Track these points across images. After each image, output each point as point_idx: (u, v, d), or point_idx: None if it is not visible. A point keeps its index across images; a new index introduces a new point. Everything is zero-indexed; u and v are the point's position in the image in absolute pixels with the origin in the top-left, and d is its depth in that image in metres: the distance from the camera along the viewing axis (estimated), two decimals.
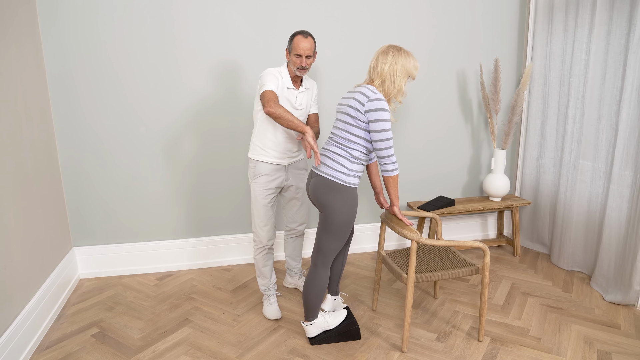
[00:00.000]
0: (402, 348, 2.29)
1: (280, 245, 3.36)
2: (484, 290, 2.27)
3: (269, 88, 2.29)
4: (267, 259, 2.60)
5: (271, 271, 2.64)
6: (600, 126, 2.88)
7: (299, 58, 2.33)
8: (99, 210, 3.02)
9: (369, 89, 2.03)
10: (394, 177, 2.12)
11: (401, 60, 2.05)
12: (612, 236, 2.76)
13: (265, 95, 2.26)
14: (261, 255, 2.57)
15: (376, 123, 2.00)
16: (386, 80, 2.07)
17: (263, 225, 2.51)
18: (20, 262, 2.25)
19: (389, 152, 2.05)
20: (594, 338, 2.37)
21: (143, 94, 2.92)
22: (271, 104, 2.21)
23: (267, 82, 2.31)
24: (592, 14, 2.85)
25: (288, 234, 2.79)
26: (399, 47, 2.08)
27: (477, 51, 3.39)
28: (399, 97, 2.12)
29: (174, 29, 2.87)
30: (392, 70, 2.05)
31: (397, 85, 2.07)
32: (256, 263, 2.60)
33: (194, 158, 3.09)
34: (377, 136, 2.02)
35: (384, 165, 2.09)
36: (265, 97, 2.25)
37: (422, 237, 2.12)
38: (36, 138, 2.54)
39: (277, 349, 2.29)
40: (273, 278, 2.66)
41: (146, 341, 2.36)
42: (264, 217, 2.50)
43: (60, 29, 2.72)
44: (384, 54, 2.07)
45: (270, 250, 2.60)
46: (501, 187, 3.32)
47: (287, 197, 2.65)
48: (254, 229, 2.54)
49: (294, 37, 2.33)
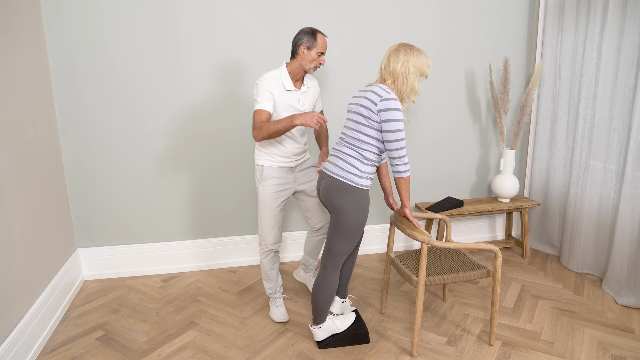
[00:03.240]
0: (412, 352, 2.25)
1: (286, 247, 3.33)
2: (496, 294, 2.23)
3: (259, 107, 2.23)
4: (273, 262, 2.54)
5: (277, 274, 2.59)
6: (612, 126, 2.83)
7: (321, 56, 2.28)
8: (103, 211, 2.99)
9: (381, 88, 1.99)
10: (405, 179, 2.07)
11: (413, 59, 2.00)
12: (625, 238, 2.71)
13: (254, 118, 2.21)
14: (267, 258, 2.52)
15: (389, 123, 1.95)
16: (399, 79, 2.02)
17: (270, 230, 2.45)
18: (25, 264, 2.22)
19: (402, 153, 2.01)
20: (608, 342, 2.32)
21: (148, 94, 2.89)
22: (255, 132, 2.19)
23: (260, 97, 2.24)
24: (604, 12, 2.80)
25: (314, 233, 2.69)
26: (411, 45, 2.03)
27: (485, 50, 3.34)
28: (412, 97, 2.07)
29: (179, 28, 2.84)
30: (404, 69, 2.00)
31: (410, 85, 2.02)
32: (262, 267, 2.55)
33: (199, 158, 3.05)
34: (390, 136, 1.98)
35: (396, 166, 2.04)
36: (254, 121, 2.21)
37: (433, 239, 2.08)
38: (41, 138, 2.52)
39: (285, 352, 2.26)
40: (279, 281, 2.61)
41: (152, 344, 2.33)
42: (271, 221, 2.44)
43: (65, 28, 2.69)
44: (395, 52, 2.02)
45: (276, 253, 2.54)
46: (510, 188, 3.27)
47: (305, 200, 2.56)
48: (260, 233, 2.48)
49: (317, 35, 2.25)
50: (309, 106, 2.43)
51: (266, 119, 2.21)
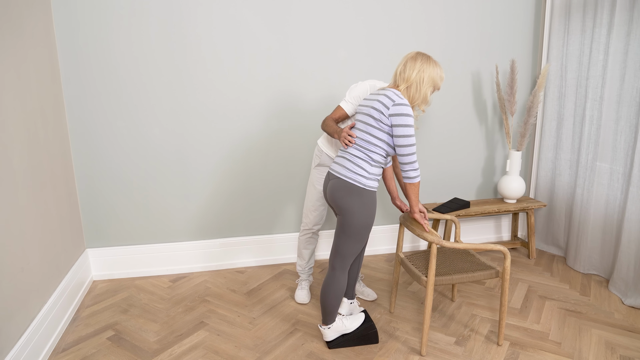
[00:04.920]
0: (420, 351, 2.26)
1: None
2: (504, 294, 2.24)
3: (341, 104, 2.38)
4: (309, 242, 2.73)
5: (310, 255, 2.77)
6: (619, 128, 2.84)
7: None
8: (112, 212, 3.01)
9: (394, 93, 2.01)
10: (416, 184, 2.09)
11: (429, 69, 2.04)
12: (632, 239, 2.73)
13: (336, 111, 2.39)
14: (305, 237, 2.71)
15: (400, 128, 1.98)
16: (412, 86, 2.05)
17: (313, 210, 2.63)
18: (37, 264, 2.24)
19: (413, 159, 2.03)
20: (616, 343, 2.33)
21: (156, 95, 2.91)
22: (322, 123, 2.39)
23: (348, 96, 2.36)
24: (611, 14, 2.81)
25: None
26: (428, 56, 2.07)
27: (492, 52, 3.35)
28: (423, 106, 2.10)
29: (189, 29, 2.85)
30: (419, 78, 2.03)
31: (422, 94, 2.06)
32: (298, 244, 2.76)
33: (208, 159, 3.07)
34: (401, 141, 2.00)
35: (407, 172, 2.06)
36: (334, 112, 2.39)
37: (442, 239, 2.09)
38: (51, 139, 2.53)
39: (295, 352, 2.27)
40: (311, 262, 2.79)
41: (162, 344, 2.34)
42: (315, 203, 2.62)
43: (75, 30, 2.71)
44: (412, 60, 2.05)
45: (314, 234, 2.71)
46: (517, 189, 3.28)
47: None
48: (304, 211, 2.68)
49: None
50: None
51: (338, 116, 2.38)
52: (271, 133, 3.12)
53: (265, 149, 3.13)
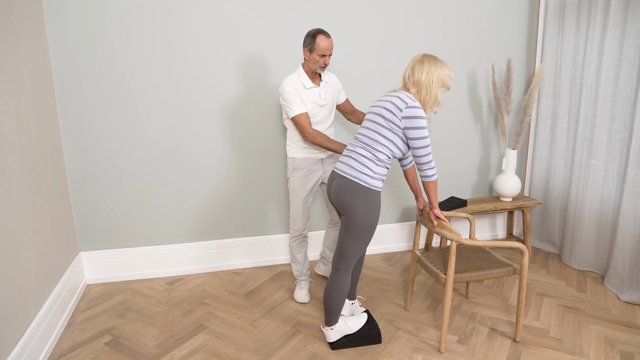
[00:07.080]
0: (439, 349, 2.28)
1: None
2: (522, 291, 2.27)
3: (298, 112, 2.39)
4: (300, 246, 2.74)
5: (304, 258, 2.77)
6: (614, 126, 2.88)
7: (323, 57, 2.38)
8: (106, 214, 2.94)
9: (407, 96, 2.03)
10: (434, 182, 2.16)
11: (437, 70, 2.05)
12: (627, 236, 2.76)
13: (299, 122, 2.40)
14: (296, 242, 2.72)
15: (415, 130, 2.00)
16: (422, 89, 2.07)
17: (300, 216, 2.64)
18: (31, 268, 2.17)
19: (429, 158, 2.08)
20: (615, 339, 2.36)
21: (151, 95, 2.85)
22: (308, 136, 2.41)
23: (292, 103, 2.39)
24: (605, 13, 2.85)
25: (333, 227, 2.86)
26: (435, 57, 2.08)
27: (487, 52, 3.37)
28: (435, 107, 2.13)
29: (183, 28, 2.80)
30: (428, 80, 2.05)
31: (433, 95, 2.08)
32: (290, 250, 2.76)
33: (203, 160, 3.02)
34: (417, 143, 2.04)
35: (425, 171, 2.12)
36: (300, 125, 2.41)
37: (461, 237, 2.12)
38: (44, 141, 2.47)
39: (298, 354, 2.25)
40: (306, 264, 2.79)
41: (162, 348, 2.29)
42: (300, 209, 2.63)
43: (67, 29, 2.64)
44: (419, 62, 2.06)
45: (304, 238, 2.73)
46: (512, 187, 3.30)
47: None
48: (291, 219, 2.69)
49: (317, 37, 2.34)
50: (331, 100, 2.57)
51: (308, 119, 2.42)
52: (268, 133, 3.08)
53: (262, 149, 3.10)
